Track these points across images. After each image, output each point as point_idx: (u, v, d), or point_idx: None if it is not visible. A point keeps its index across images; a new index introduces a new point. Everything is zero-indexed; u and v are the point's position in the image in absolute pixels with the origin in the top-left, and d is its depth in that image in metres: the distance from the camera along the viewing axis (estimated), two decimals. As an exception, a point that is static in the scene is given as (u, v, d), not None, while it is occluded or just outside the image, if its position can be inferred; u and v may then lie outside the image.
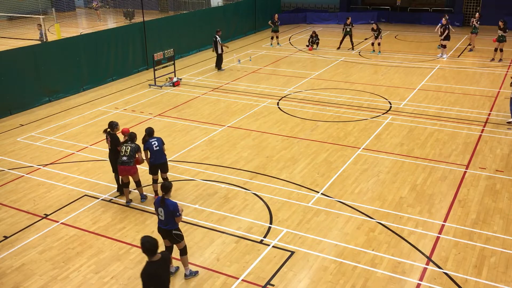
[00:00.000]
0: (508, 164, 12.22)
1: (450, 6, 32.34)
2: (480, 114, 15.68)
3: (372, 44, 24.42)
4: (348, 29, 24.74)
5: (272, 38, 26.54)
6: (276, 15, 26.39)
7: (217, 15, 27.11)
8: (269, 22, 26.54)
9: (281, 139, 14.00)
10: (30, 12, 33.59)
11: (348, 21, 24.69)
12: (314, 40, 25.49)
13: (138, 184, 10.74)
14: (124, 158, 10.31)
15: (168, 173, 10.88)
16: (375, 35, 23.79)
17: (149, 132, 10.53)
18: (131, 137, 10.51)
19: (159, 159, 10.52)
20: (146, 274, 6.16)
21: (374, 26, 23.77)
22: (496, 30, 21.93)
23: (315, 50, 25.35)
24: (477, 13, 24.21)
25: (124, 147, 10.40)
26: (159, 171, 10.70)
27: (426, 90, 18.20)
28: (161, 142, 10.54)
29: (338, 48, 25.40)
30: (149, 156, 10.51)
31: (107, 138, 10.90)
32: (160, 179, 10.82)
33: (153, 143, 10.41)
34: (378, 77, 20.16)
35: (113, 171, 11.11)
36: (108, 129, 10.88)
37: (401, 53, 24.19)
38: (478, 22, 23.60)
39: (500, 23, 21.46)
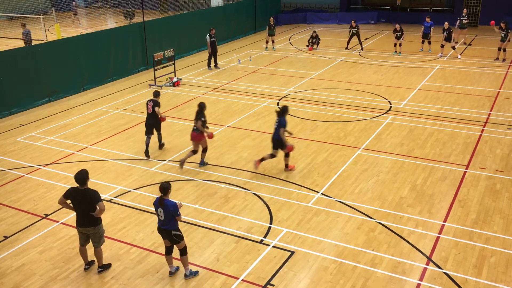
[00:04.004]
0: (508, 164, 12.22)
1: (450, 6, 32.35)
2: (480, 114, 15.69)
3: (395, 45, 24.04)
4: (354, 31, 24.69)
5: (267, 41, 25.68)
6: (271, 18, 25.67)
7: (217, 15, 27.11)
8: (267, 28, 25.37)
9: (281, 139, 13.99)
10: (30, 12, 33.59)
11: (353, 24, 24.62)
12: (314, 41, 25.48)
13: (204, 150, 12.21)
14: (195, 127, 11.92)
15: (168, 173, 10.87)
16: (398, 35, 23.47)
17: (282, 110, 11.69)
18: (201, 107, 11.97)
19: (273, 135, 11.82)
20: (70, 191, 8.14)
21: (398, 26, 23.39)
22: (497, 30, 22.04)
23: (315, 50, 25.35)
24: (465, 9, 25.35)
25: (195, 121, 11.90)
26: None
27: (426, 90, 18.20)
28: (281, 124, 11.55)
29: (346, 48, 25.33)
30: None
31: (148, 105, 12.80)
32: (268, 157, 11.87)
33: (276, 122, 11.69)
34: (378, 77, 20.17)
35: (146, 133, 12.93)
36: (152, 97, 12.86)
37: (401, 53, 24.14)
38: (466, 18, 24.91)
39: (501, 24, 21.59)
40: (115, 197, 11.05)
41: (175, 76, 19.98)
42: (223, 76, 20.78)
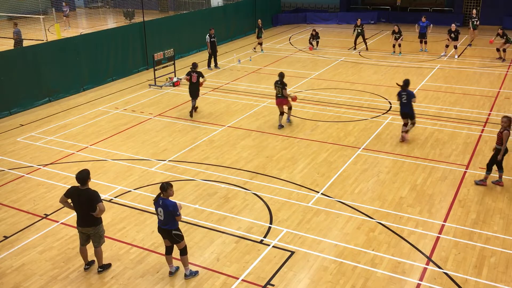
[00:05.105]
0: (508, 164, 12.20)
1: (450, 6, 32.34)
2: (480, 114, 15.69)
3: (393, 45, 24.05)
4: (359, 30, 24.64)
5: (260, 44, 25.21)
6: (260, 20, 25.17)
7: (217, 15, 27.12)
8: (257, 30, 24.91)
9: (281, 139, 14.00)
10: (30, 12, 33.58)
11: (358, 23, 24.55)
12: (314, 38, 25.44)
13: (290, 108, 14.85)
14: (279, 94, 14.32)
15: (168, 173, 10.83)
16: (396, 37, 23.48)
17: (406, 83, 13.42)
18: (280, 76, 14.29)
19: (403, 109, 13.48)
20: (71, 191, 8.19)
21: (396, 28, 23.38)
22: (495, 30, 22.11)
23: (315, 50, 25.34)
24: (474, 10, 25.96)
25: (276, 88, 14.39)
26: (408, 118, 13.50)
27: (426, 90, 18.20)
28: (411, 95, 13.34)
29: (354, 48, 25.28)
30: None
31: (191, 75, 15.36)
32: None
33: (402, 95, 13.41)
34: (378, 77, 20.17)
35: (191, 96, 15.68)
36: (192, 68, 15.47)
37: (401, 53, 24.14)
38: (476, 19, 25.23)
39: (499, 31, 21.79)
40: (115, 197, 11.05)
41: (175, 76, 19.98)
42: (223, 76, 20.78)
